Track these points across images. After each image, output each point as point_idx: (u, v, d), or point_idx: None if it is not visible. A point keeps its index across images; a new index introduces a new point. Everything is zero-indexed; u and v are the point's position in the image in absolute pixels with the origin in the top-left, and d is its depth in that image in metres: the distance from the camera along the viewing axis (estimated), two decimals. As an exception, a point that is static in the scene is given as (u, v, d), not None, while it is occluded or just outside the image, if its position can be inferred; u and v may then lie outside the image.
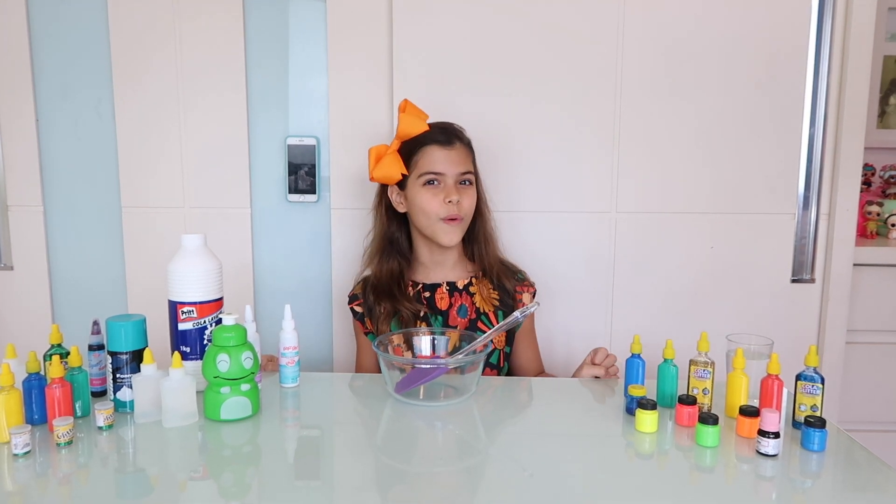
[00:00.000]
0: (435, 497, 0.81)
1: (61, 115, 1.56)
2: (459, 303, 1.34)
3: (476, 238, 1.36)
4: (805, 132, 1.53)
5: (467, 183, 1.30)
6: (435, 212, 1.26)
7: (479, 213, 1.36)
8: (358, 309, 1.37)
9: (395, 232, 1.36)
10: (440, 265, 1.36)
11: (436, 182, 1.27)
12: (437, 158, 1.27)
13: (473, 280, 1.36)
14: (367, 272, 1.40)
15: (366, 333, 1.37)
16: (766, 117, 1.52)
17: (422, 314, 1.31)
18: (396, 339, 1.19)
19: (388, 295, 1.31)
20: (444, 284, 1.34)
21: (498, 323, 1.33)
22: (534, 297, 1.38)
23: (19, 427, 0.88)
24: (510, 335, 1.38)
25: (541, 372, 1.43)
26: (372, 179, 1.32)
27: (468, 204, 1.29)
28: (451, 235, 1.28)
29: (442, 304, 1.34)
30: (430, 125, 1.29)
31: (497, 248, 1.40)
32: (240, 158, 1.56)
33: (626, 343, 1.09)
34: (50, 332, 1.05)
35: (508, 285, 1.36)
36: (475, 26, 1.50)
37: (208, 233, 1.13)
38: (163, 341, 1.08)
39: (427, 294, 1.34)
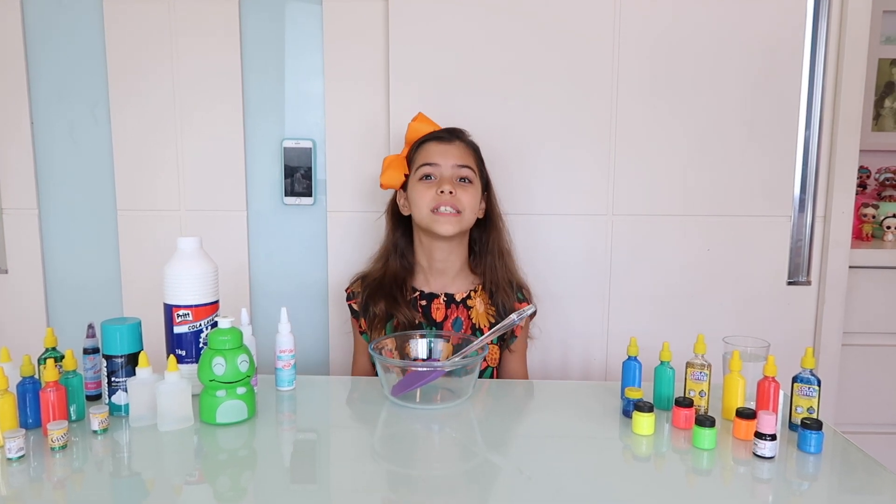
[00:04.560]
0: (432, 500, 0.81)
1: (57, 117, 1.56)
2: (455, 315, 1.33)
3: (486, 251, 1.35)
4: (801, 134, 1.53)
5: (466, 181, 1.29)
6: (427, 203, 1.26)
7: (493, 226, 1.36)
8: (354, 307, 1.36)
9: (399, 237, 1.37)
10: (441, 274, 1.35)
11: (432, 177, 1.28)
12: (433, 151, 1.29)
13: (472, 293, 1.35)
14: (364, 270, 1.39)
15: (361, 333, 1.37)
16: (762, 120, 1.53)
17: (416, 322, 1.30)
18: (389, 343, 1.17)
19: (387, 297, 1.30)
20: (442, 296, 1.33)
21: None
22: (532, 316, 1.36)
23: (13, 431, 0.87)
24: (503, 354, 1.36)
25: None
26: (381, 186, 1.34)
27: (467, 200, 1.27)
28: (446, 226, 1.25)
29: (438, 315, 1.33)
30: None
31: (510, 264, 1.37)
32: (236, 161, 1.56)
33: (623, 345, 1.09)
34: (45, 335, 1.04)
35: (507, 303, 1.32)
36: (471, 30, 1.50)
37: (204, 236, 1.13)
38: (158, 344, 1.07)
39: (423, 303, 1.33)
